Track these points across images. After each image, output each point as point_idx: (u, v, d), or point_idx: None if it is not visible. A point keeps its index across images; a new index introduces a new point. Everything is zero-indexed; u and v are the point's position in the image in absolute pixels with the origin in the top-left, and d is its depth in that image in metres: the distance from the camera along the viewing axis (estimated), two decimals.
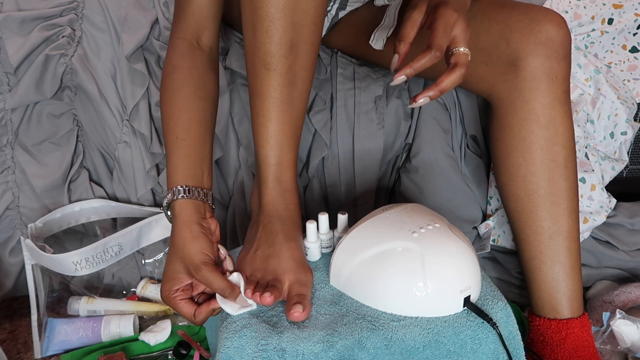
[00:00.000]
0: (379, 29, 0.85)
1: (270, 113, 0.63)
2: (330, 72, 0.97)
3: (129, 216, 0.95)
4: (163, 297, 0.65)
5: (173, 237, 0.65)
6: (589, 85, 0.96)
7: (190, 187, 0.66)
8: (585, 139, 0.97)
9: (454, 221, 0.89)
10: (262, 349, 0.58)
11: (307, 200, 0.96)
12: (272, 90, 0.62)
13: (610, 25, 0.98)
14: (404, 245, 0.63)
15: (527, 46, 0.75)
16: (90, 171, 0.95)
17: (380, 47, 0.87)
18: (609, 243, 0.98)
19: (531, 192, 0.78)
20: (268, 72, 0.61)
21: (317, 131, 0.94)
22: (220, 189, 0.96)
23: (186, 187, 0.66)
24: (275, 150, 0.65)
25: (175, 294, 0.64)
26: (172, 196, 0.66)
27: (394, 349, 0.60)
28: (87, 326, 0.87)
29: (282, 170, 0.66)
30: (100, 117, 0.91)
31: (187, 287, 0.65)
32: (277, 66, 0.60)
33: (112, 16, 0.92)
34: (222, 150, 0.93)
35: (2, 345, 0.88)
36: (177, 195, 0.65)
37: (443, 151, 0.94)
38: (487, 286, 0.69)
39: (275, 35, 0.58)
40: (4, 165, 0.91)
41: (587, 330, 0.78)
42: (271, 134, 0.64)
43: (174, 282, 0.64)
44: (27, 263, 0.85)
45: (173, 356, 0.83)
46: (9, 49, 0.88)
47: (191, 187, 0.66)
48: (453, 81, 0.63)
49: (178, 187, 0.66)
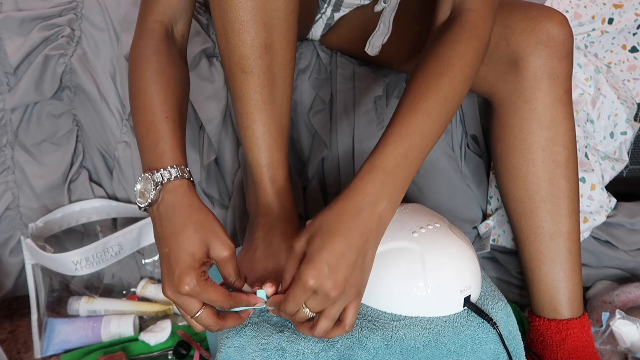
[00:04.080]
0: (374, 35, 0.85)
1: (253, 115, 0.63)
2: (330, 72, 0.97)
3: (129, 216, 0.95)
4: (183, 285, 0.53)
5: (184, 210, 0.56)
6: (589, 85, 0.96)
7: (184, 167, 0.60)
8: (585, 138, 0.97)
9: (454, 221, 0.89)
10: (262, 348, 0.58)
11: (307, 200, 0.96)
12: (252, 92, 0.61)
13: (611, 25, 0.98)
14: (404, 245, 0.63)
15: (528, 46, 0.75)
16: (90, 171, 0.95)
17: (375, 54, 0.88)
18: (609, 243, 0.98)
19: (532, 192, 0.78)
20: (245, 75, 0.60)
21: (317, 131, 0.94)
22: (219, 189, 0.96)
23: (185, 168, 0.60)
24: (264, 152, 0.65)
25: (205, 275, 0.55)
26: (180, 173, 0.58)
27: (394, 348, 0.60)
28: (87, 326, 0.87)
29: (273, 171, 0.66)
30: (100, 117, 0.91)
31: None
32: (254, 68, 0.60)
33: (112, 16, 0.92)
34: (215, 152, 0.93)
35: (2, 345, 0.88)
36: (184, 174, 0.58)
37: (443, 151, 0.94)
38: (487, 286, 0.69)
39: (248, 37, 0.58)
40: (4, 165, 0.91)
41: (586, 330, 0.78)
42: (257, 135, 0.64)
43: (195, 261, 0.54)
44: (27, 263, 0.85)
45: (173, 356, 0.83)
46: (9, 49, 0.88)
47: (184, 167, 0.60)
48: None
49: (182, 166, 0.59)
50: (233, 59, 0.60)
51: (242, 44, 0.58)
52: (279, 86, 0.62)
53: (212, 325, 0.56)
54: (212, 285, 0.55)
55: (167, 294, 0.55)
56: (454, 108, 0.61)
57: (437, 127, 0.59)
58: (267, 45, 0.59)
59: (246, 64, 0.59)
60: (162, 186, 0.57)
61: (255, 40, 0.58)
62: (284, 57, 0.61)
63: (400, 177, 0.56)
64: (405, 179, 0.57)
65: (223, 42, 0.60)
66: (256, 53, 0.59)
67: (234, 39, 0.58)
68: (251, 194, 0.72)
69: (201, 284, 0.54)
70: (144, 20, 0.67)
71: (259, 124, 0.63)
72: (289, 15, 0.59)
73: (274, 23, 0.58)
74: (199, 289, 0.53)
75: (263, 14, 0.57)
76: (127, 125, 0.91)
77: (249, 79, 0.60)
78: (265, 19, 0.57)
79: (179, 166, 0.58)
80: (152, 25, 0.66)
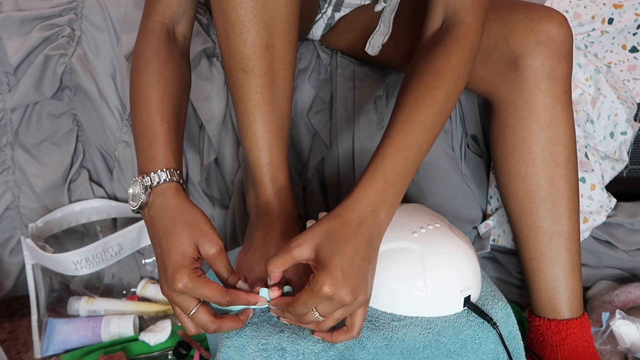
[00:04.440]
0: (374, 35, 0.85)
1: (254, 115, 0.63)
2: (330, 72, 0.97)
3: (129, 216, 0.95)
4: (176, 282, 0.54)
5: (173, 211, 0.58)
6: (589, 85, 0.96)
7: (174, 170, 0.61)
8: (585, 138, 0.97)
9: (454, 221, 0.89)
10: (262, 348, 0.58)
11: (307, 200, 0.96)
12: (253, 92, 0.61)
13: (611, 25, 0.98)
14: (404, 245, 0.63)
15: (527, 46, 0.75)
16: (90, 171, 0.95)
17: (375, 54, 0.88)
18: (609, 243, 0.98)
19: (532, 192, 0.78)
20: (246, 75, 0.60)
21: (317, 131, 0.94)
22: (219, 189, 0.96)
23: (175, 171, 0.60)
24: (265, 152, 0.65)
25: (197, 272, 0.56)
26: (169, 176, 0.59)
27: (394, 348, 0.60)
28: (87, 326, 0.87)
29: (274, 171, 0.66)
30: (100, 117, 0.91)
31: None
32: (255, 68, 0.60)
33: (112, 16, 0.92)
34: (215, 152, 0.93)
35: (2, 345, 0.88)
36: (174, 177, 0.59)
37: (443, 151, 0.94)
38: (487, 286, 0.69)
39: (249, 37, 0.58)
40: (4, 165, 0.91)
41: (586, 330, 0.78)
42: (258, 135, 0.64)
43: (186, 259, 0.56)
44: (27, 263, 0.85)
45: (173, 356, 0.83)
46: (9, 49, 0.88)
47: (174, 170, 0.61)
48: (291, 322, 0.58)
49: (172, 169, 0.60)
50: (234, 58, 0.60)
51: (243, 44, 0.58)
52: (280, 86, 0.62)
53: (207, 324, 0.56)
54: (205, 281, 0.56)
55: (164, 293, 0.57)
56: (446, 119, 0.63)
57: (432, 138, 0.62)
58: (268, 45, 0.59)
59: (247, 64, 0.59)
60: (152, 189, 0.59)
61: (257, 40, 0.58)
62: (285, 57, 0.61)
63: (398, 186, 0.59)
64: (403, 188, 0.60)
65: (224, 41, 0.60)
66: (257, 53, 0.59)
67: (235, 39, 0.58)
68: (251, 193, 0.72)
69: (194, 280, 0.55)
70: (146, 20, 0.67)
71: (259, 124, 0.63)
72: (290, 15, 0.59)
73: (275, 23, 0.58)
74: (192, 285, 0.54)
75: (264, 14, 0.57)
76: (127, 125, 0.91)
77: (250, 79, 0.60)
78: (266, 19, 0.57)
79: (169, 169, 0.59)
80: (153, 25, 0.66)
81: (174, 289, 0.55)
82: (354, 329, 0.57)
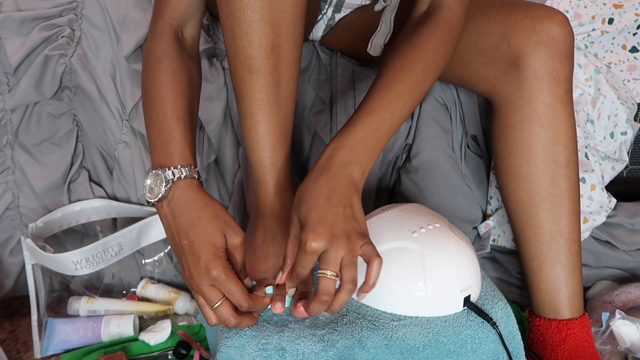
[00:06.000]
0: (375, 36, 0.85)
1: (257, 115, 0.63)
2: (330, 72, 0.97)
3: (129, 216, 0.95)
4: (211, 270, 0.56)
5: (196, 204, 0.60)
6: (589, 85, 0.96)
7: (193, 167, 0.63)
8: (585, 139, 0.97)
9: (454, 221, 0.89)
10: (262, 348, 0.58)
11: None
12: (257, 92, 0.61)
13: (611, 25, 0.98)
14: (404, 245, 0.63)
15: (528, 46, 0.75)
16: (90, 171, 0.95)
17: (377, 54, 0.87)
18: (609, 243, 0.98)
19: (532, 192, 0.78)
20: (251, 75, 0.60)
21: (317, 131, 0.94)
22: (219, 189, 0.96)
23: (194, 168, 0.63)
24: (267, 152, 0.65)
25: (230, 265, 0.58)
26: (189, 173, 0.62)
27: (394, 348, 0.60)
28: (87, 326, 0.87)
29: (276, 171, 0.66)
30: (100, 117, 0.91)
31: None
32: (260, 68, 0.60)
33: (112, 16, 0.92)
34: (215, 152, 0.93)
35: (2, 345, 0.88)
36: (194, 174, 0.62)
37: (443, 151, 0.94)
38: (487, 286, 0.69)
39: (255, 38, 0.58)
40: (4, 165, 0.91)
41: (587, 330, 0.78)
42: (261, 135, 0.64)
43: (218, 249, 0.58)
44: (27, 263, 0.85)
45: (173, 356, 0.83)
46: (9, 49, 0.88)
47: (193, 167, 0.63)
48: (317, 309, 0.57)
49: (191, 166, 0.62)
50: (239, 58, 0.60)
51: (249, 44, 0.58)
52: (284, 87, 0.63)
53: (229, 318, 0.58)
54: (236, 277, 0.57)
55: (193, 283, 0.58)
56: (422, 94, 0.66)
57: (407, 108, 0.63)
58: (274, 46, 0.59)
59: (252, 64, 0.60)
60: (173, 183, 0.61)
61: (262, 40, 0.58)
62: (290, 58, 0.61)
63: (369, 146, 0.60)
64: (374, 150, 0.61)
65: (230, 41, 0.60)
66: (263, 54, 0.59)
67: (241, 39, 0.58)
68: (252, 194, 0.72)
69: (227, 271, 0.57)
70: (156, 23, 0.70)
71: (263, 124, 0.63)
72: (297, 16, 0.59)
73: (282, 24, 0.58)
74: (224, 276, 0.56)
75: (271, 15, 0.57)
76: (127, 125, 0.91)
77: (255, 79, 0.61)
78: (272, 19, 0.57)
79: (189, 166, 0.62)
80: (162, 28, 0.69)
81: (208, 275, 0.56)
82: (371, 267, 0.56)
